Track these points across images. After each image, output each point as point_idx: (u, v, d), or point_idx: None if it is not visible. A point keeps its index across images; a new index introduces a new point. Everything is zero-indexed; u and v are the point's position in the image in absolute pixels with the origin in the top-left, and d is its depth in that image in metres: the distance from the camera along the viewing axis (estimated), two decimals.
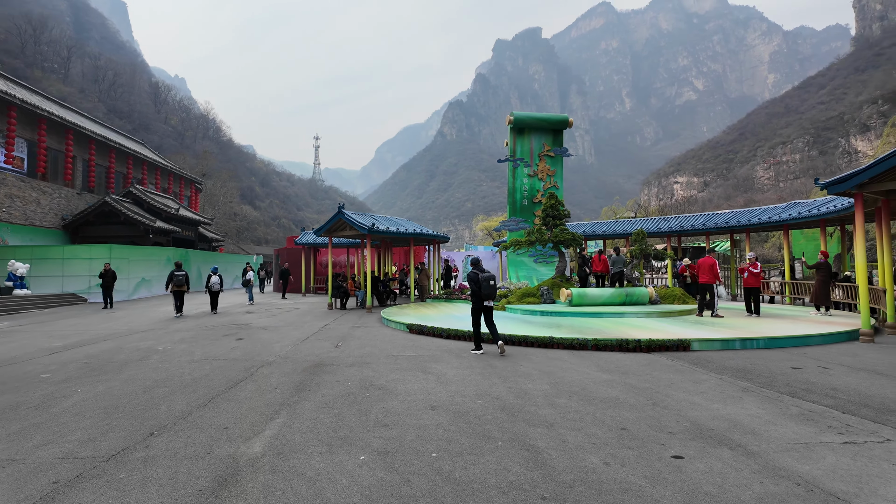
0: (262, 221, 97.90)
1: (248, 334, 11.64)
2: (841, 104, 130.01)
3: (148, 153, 42.60)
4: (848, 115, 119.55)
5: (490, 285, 8.68)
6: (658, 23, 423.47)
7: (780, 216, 16.96)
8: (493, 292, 8.73)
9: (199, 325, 13.74)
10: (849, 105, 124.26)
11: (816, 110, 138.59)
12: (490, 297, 8.68)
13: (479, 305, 8.76)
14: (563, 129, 19.94)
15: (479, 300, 8.70)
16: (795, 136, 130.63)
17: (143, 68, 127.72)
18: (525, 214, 19.55)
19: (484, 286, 8.62)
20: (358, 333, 11.55)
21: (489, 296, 8.65)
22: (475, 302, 8.78)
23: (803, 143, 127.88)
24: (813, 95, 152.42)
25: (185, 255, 31.72)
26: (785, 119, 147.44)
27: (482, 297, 8.65)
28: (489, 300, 8.69)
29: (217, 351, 9.37)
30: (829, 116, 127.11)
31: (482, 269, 8.97)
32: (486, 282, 8.64)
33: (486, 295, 8.62)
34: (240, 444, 4.42)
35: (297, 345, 9.96)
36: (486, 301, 8.68)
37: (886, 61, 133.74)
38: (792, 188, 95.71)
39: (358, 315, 15.86)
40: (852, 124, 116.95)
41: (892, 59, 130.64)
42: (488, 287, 8.64)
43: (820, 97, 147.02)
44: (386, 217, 19.01)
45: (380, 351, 9.13)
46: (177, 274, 16.26)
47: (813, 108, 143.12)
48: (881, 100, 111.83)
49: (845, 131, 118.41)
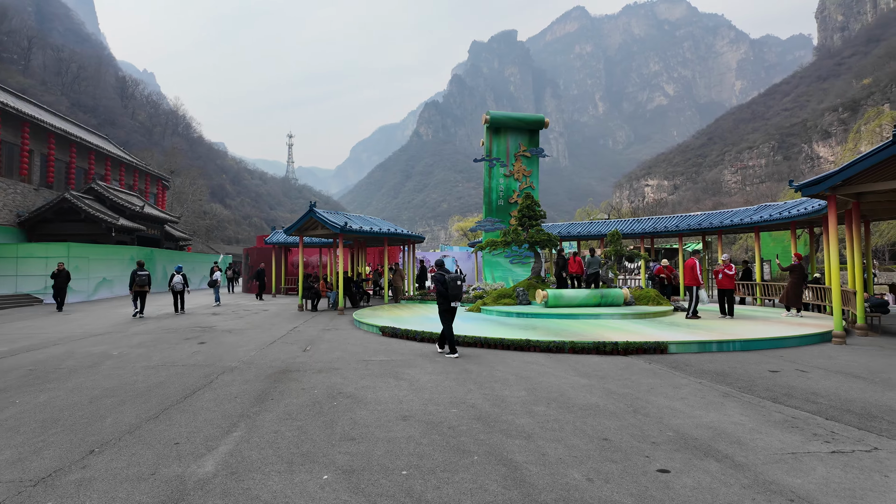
0: (232, 220, 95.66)
1: (211, 337, 11.08)
2: (804, 111, 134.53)
3: (112, 148, 41.03)
4: (811, 122, 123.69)
5: (457, 286, 8.60)
6: (631, 28, 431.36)
7: (751, 218, 17.16)
8: (459, 293, 8.67)
9: (161, 327, 13.08)
10: (811, 112, 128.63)
11: (781, 117, 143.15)
12: (457, 297, 8.58)
13: (447, 306, 8.60)
14: (538, 129, 19.83)
15: (446, 301, 8.57)
16: (761, 142, 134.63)
17: (109, 62, 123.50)
18: (501, 215, 19.36)
19: (451, 287, 8.53)
20: (328, 336, 11.12)
21: (456, 296, 8.57)
22: (443, 303, 8.62)
23: (769, 149, 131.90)
24: (778, 102, 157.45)
25: (150, 254, 30.60)
26: (751, 125, 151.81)
27: (449, 298, 8.54)
28: (455, 301, 8.59)
29: (176, 356, 8.83)
30: (793, 123, 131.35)
31: (446, 269, 8.95)
32: (452, 282, 8.56)
33: (453, 296, 8.53)
34: (190, 462, 4.01)
35: (262, 349, 9.48)
36: (453, 302, 8.58)
37: (846, 70, 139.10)
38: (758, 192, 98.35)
39: (329, 317, 15.38)
40: (815, 131, 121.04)
41: (852, 68, 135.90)
42: (455, 288, 8.56)
43: (784, 104, 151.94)
44: (359, 216, 18.57)
45: (350, 355, 8.74)
46: (139, 274, 15.81)
47: (778, 114, 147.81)
48: (841, 108, 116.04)
49: (808, 137, 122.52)
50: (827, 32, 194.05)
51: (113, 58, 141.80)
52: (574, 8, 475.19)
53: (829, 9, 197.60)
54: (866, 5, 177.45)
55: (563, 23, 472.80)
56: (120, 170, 40.29)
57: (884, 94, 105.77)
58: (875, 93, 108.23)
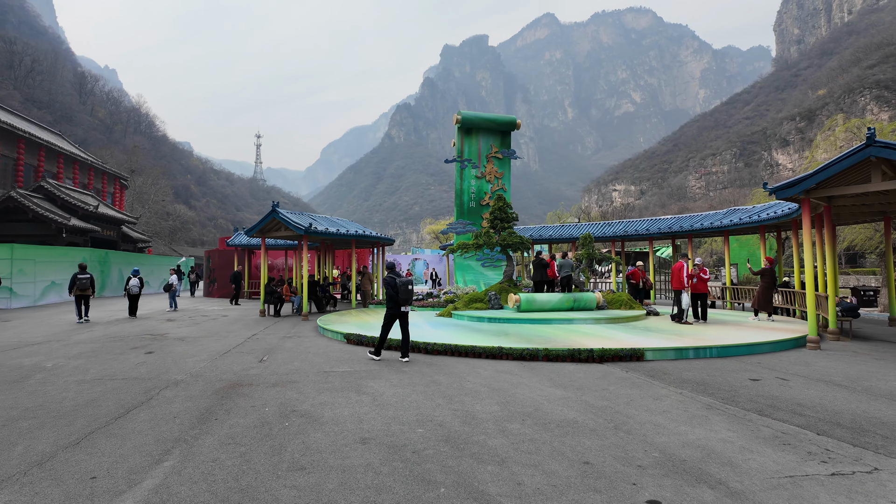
0: (197, 221, 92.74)
1: (161, 346, 10.27)
2: (764, 120, 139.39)
3: (65, 145, 38.99)
4: (770, 131, 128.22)
5: (408, 290, 8.33)
6: (599, 36, 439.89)
7: (721, 222, 17.20)
8: (410, 297, 8.40)
9: (108, 334, 12.13)
10: (770, 121, 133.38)
11: (742, 125, 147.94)
12: (407, 302, 8.33)
13: (395, 311, 8.36)
14: (510, 130, 19.50)
15: (396, 305, 8.32)
16: (724, 149, 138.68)
17: (67, 56, 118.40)
18: (473, 217, 18.94)
19: (402, 291, 8.25)
20: (289, 345, 10.43)
21: (406, 301, 8.31)
22: (392, 307, 8.38)
23: (731, 155, 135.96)
24: (739, 111, 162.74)
25: (105, 256, 29.06)
26: (714, 132, 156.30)
27: (399, 303, 8.28)
28: (405, 305, 8.33)
29: (118, 368, 8.04)
30: (754, 131, 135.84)
31: (398, 273, 8.67)
32: (403, 286, 8.28)
33: (402, 300, 8.27)
34: (104, 503, 3.38)
35: (214, 360, 8.76)
36: (403, 306, 8.31)
37: (803, 82, 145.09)
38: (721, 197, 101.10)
39: (292, 323, 14.64)
40: (774, 139, 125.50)
41: (808, 79, 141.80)
42: (406, 292, 8.29)
43: (745, 113, 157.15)
44: (326, 217, 17.86)
45: (310, 366, 8.11)
46: (80, 277, 14.92)
47: (739, 122, 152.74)
48: (798, 117, 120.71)
49: (768, 145, 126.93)
50: (784, 45, 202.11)
51: (72, 52, 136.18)
52: (544, 15, 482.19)
53: (786, 22, 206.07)
54: (821, 20, 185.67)
55: (533, 29, 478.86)
56: (73, 168, 38.34)
57: (837, 105, 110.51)
58: (829, 103, 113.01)
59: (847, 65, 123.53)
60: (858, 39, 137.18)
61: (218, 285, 27.57)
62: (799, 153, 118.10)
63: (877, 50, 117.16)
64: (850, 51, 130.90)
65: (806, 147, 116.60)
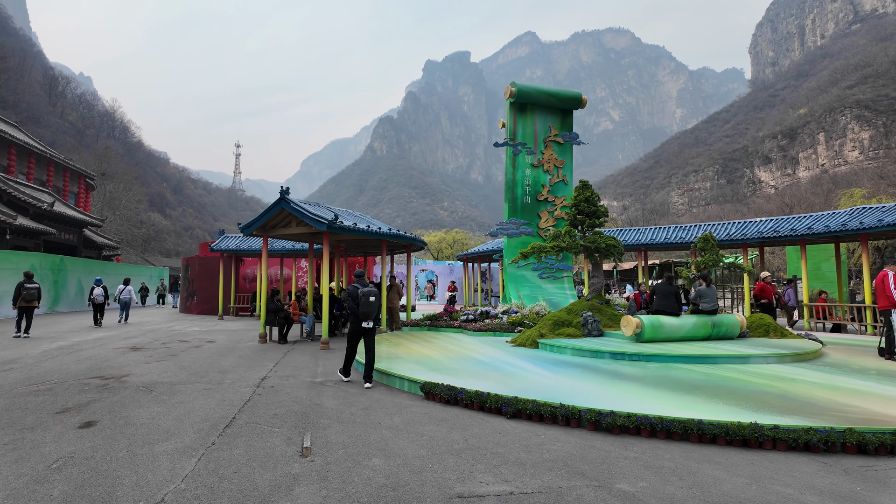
0: (172, 231, 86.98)
1: (112, 406, 6.01)
2: (744, 138, 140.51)
3: (18, 134, 33.86)
4: (752, 148, 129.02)
5: (369, 302, 7.05)
6: (579, 55, 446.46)
7: (862, 223, 13.52)
8: (372, 310, 7.11)
9: (32, 376, 7.75)
10: (751, 139, 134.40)
11: (723, 143, 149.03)
12: (368, 316, 7.08)
13: (357, 327, 7.15)
14: (574, 108, 15.76)
15: (357, 320, 7.14)
16: (706, 166, 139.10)
17: (38, 59, 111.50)
18: (528, 216, 15.02)
19: (363, 303, 7.01)
20: (331, 404, 6.25)
21: (367, 315, 7.07)
22: (353, 323, 7.19)
23: (713, 172, 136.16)
24: (719, 129, 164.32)
25: (59, 263, 24.30)
26: (696, 149, 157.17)
27: (360, 317, 7.08)
28: (367, 321, 7.09)
29: (4, 481, 3.82)
30: (735, 148, 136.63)
31: (364, 282, 7.32)
32: (364, 298, 7.02)
33: (363, 314, 7.05)
34: None
35: (211, 449, 4.54)
36: (365, 322, 7.10)
37: (780, 102, 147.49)
38: (705, 213, 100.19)
39: (311, 354, 10.43)
40: (756, 156, 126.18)
41: (786, 99, 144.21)
42: (367, 305, 7.03)
43: (725, 131, 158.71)
44: (347, 210, 13.79)
45: (411, 473, 3.99)
46: (27, 287, 13.00)
47: (720, 140, 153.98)
48: (780, 135, 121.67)
49: (750, 162, 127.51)
50: (759, 66, 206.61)
51: (44, 56, 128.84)
52: (525, 33, 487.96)
53: (761, 45, 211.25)
54: (794, 43, 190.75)
55: (514, 47, 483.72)
56: (28, 161, 33.33)
57: (819, 124, 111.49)
58: (811, 122, 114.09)
59: (825, 85, 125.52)
60: (833, 62, 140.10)
61: (198, 299, 22.93)
62: (781, 170, 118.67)
63: (854, 71, 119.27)
64: (828, 72, 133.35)
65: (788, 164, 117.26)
